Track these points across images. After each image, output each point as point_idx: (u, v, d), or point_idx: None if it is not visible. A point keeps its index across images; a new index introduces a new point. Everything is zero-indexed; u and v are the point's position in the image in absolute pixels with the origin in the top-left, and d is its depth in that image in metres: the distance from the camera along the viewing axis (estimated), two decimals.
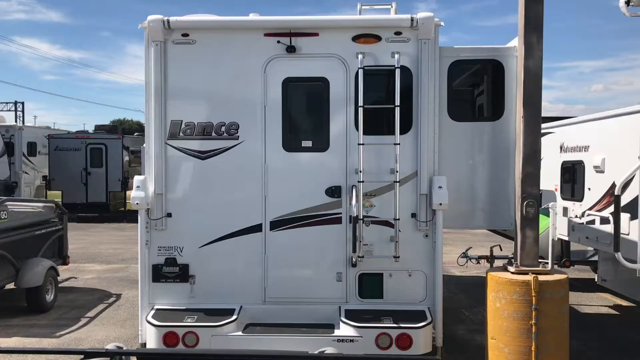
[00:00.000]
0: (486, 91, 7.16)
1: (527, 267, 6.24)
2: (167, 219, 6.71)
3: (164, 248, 6.74)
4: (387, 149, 6.52)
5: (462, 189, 6.94)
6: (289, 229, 6.68)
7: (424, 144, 6.54)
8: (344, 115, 6.63)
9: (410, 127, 6.60)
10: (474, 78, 7.11)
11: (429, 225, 6.58)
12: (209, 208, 6.71)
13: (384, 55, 6.57)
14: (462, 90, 7.12)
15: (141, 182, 6.58)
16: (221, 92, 6.68)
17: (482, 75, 7.08)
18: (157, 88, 6.60)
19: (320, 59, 6.63)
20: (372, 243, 6.65)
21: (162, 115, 6.64)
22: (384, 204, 6.61)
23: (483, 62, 6.98)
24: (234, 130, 6.67)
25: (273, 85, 6.63)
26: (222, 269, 6.72)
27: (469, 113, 7.24)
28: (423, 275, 6.65)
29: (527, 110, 6.21)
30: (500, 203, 6.96)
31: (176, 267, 6.71)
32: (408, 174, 6.60)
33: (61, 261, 10.54)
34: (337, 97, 6.62)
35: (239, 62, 6.64)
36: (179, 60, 6.65)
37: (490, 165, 6.97)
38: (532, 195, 6.27)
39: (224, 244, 6.71)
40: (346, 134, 6.63)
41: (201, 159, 6.69)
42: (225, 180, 6.70)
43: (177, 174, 6.71)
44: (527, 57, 6.16)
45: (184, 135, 6.69)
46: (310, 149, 6.67)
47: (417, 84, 6.56)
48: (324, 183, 6.65)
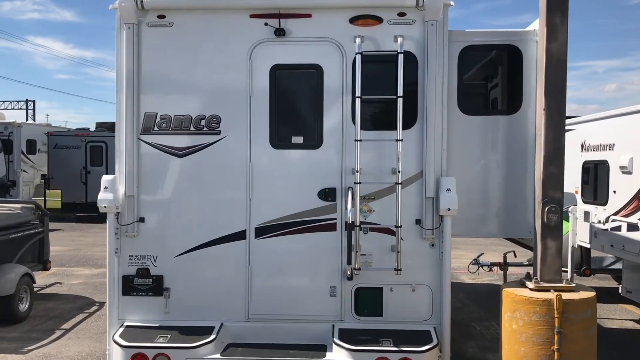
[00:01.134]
0: (502, 81, 6.32)
1: (549, 282, 5.44)
2: (139, 224, 5.97)
3: (135, 257, 6.00)
4: (388, 146, 5.74)
5: (473, 192, 6.13)
6: (277, 236, 5.92)
7: (430, 141, 5.74)
8: (339, 108, 5.85)
9: (415, 122, 5.81)
10: (488, 66, 6.29)
11: (436, 233, 5.80)
12: (186, 212, 5.96)
13: (386, 40, 5.78)
14: (474, 80, 6.29)
15: (110, 182, 5.83)
16: (201, 81, 5.92)
17: (497, 62, 6.25)
18: (129, 76, 5.86)
19: (313, 43, 5.85)
20: (371, 253, 5.87)
21: (135, 106, 5.89)
22: (384, 209, 5.83)
23: (498, 48, 6.16)
24: (215, 124, 5.90)
25: (259, 73, 5.86)
26: (200, 281, 5.98)
27: (482, 105, 6.41)
28: (428, 290, 5.86)
29: (550, 102, 5.40)
30: (517, 208, 6.13)
31: (149, 279, 5.97)
32: (412, 174, 5.80)
33: (41, 266, 9.83)
34: (332, 86, 5.84)
35: (221, 47, 5.89)
36: (154, 45, 5.92)
37: (506, 165, 6.14)
38: (554, 200, 5.46)
39: (203, 253, 5.96)
40: (342, 129, 5.85)
41: (178, 157, 5.94)
42: (205, 180, 5.95)
43: (151, 173, 5.96)
44: (549, 40, 5.35)
45: (159, 130, 5.93)
46: (301, 145, 5.90)
47: (422, 71, 5.76)
48: (317, 184, 5.87)
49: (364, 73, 5.65)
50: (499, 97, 6.39)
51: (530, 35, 6.03)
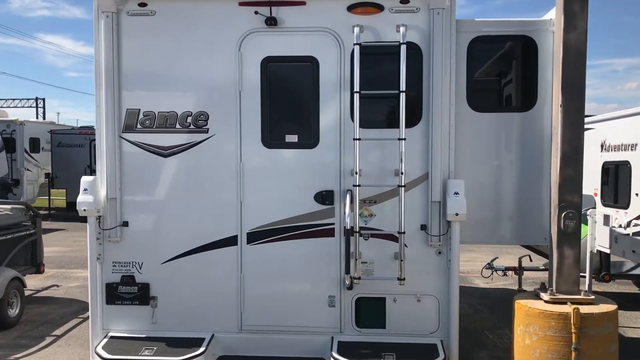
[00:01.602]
0: (515, 75, 5.82)
1: (565, 294, 4.97)
2: (123, 228, 5.58)
3: (119, 264, 5.60)
4: (391, 146, 5.30)
5: (484, 196, 5.65)
6: (270, 242, 5.50)
7: (436, 140, 5.28)
8: (337, 104, 5.40)
9: (420, 119, 5.35)
10: (500, 58, 5.79)
11: (443, 240, 5.34)
12: (173, 216, 5.56)
13: (387, 29, 5.33)
14: (484, 74, 5.80)
15: (90, 183, 5.45)
16: (187, 75, 5.51)
17: (510, 55, 5.75)
18: (109, 70, 5.46)
19: (308, 33, 5.41)
20: (372, 261, 5.43)
21: (116, 102, 5.49)
22: (386, 214, 5.39)
23: (511, 39, 5.66)
24: (202, 121, 5.48)
25: (250, 66, 5.43)
26: (189, 289, 5.58)
27: (494, 102, 5.92)
28: (435, 301, 5.41)
29: (567, 97, 4.91)
30: (531, 213, 5.65)
31: (134, 287, 5.58)
32: (416, 176, 5.35)
33: (34, 269, 9.45)
34: (328, 81, 5.40)
35: (208, 38, 5.48)
36: (135, 35, 5.52)
37: (520, 166, 5.65)
38: (572, 205, 4.98)
39: (191, 260, 5.56)
40: (340, 127, 5.41)
41: (163, 156, 5.53)
42: (192, 182, 5.53)
43: (134, 174, 5.56)
44: (567, 29, 4.85)
45: (142, 127, 5.52)
46: (296, 144, 5.46)
47: (428, 64, 5.30)
48: (313, 187, 5.43)
49: (363, 66, 5.21)
50: (512, 92, 5.88)
51: (546, 25, 5.54)
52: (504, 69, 5.81)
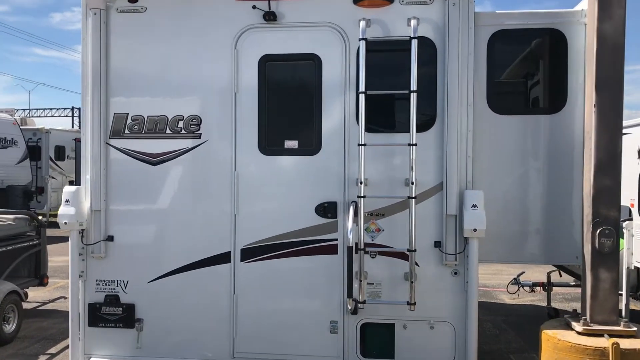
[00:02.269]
0: (542, 72, 5.20)
1: (602, 324, 4.31)
2: (108, 243, 5.11)
3: (103, 282, 5.14)
4: (400, 152, 4.74)
5: (506, 209, 5.03)
6: (266, 259, 4.97)
7: (452, 146, 4.71)
8: (341, 106, 4.87)
9: (433, 122, 4.78)
10: (524, 55, 5.17)
11: (459, 259, 4.75)
12: (161, 230, 5.08)
13: (398, 23, 4.79)
14: (507, 72, 5.18)
15: (72, 194, 4.99)
16: (178, 76, 5.05)
17: (536, 50, 5.12)
18: (96, 71, 5.04)
19: (310, 29, 4.91)
20: (380, 282, 4.86)
21: (103, 106, 5.05)
22: (395, 228, 4.82)
23: (537, 33, 5.04)
24: (194, 126, 5.00)
25: (246, 65, 4.94)
26: (177, 311, 5.08)
27: (518, 103, 5.29)
28: (451, 329, 4.81)
29: (602, 96, 4.30)
30: (560, 228, 5.00)
31: (119, 308, 5.10)
32: (429, 186, 4.78)
33: (38, 281, 9.08)
34: (332, 80, 4.88)
35: (201, 36, 5.02)
36: (124, 33, 5.10)
37: (548, 176, 5.01)
38: (608, 220, 4.34)
39: (180, 279, 5.06)
40: (345, 132, 4.87)
41: (152, 164, 5.06)
42: (182, 193, 5.05)
43: (121, 184, 5.10)
44: (602, 18, 4.24)
45: (130, 133, 5.07)
46: (296, 151, 4.94)
47: (443, 61, 4.74)
48: (314, 198, 4.90)
49: (370, 64, 4.67)
50: (539, 92, 5.24)
51: (577, 16, 4.92)
52: (529, 66, 5.18)
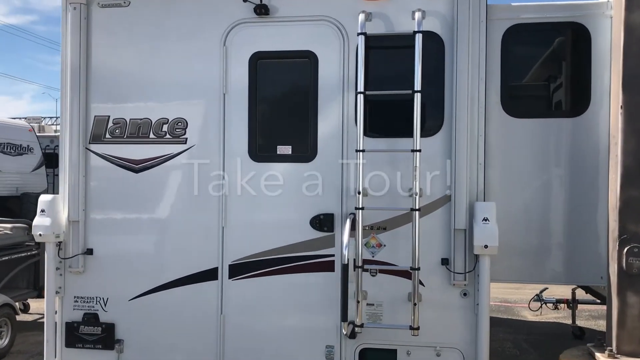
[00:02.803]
0: (562, 71, 4.70)
1: (630, 356, 3.77)
2: (87, 257, 4.73)
3: (82, 299, 4.75)
4: (404, 159, 4.27)
5: (522, 223, 4.52)
6: (257, 276, 4.54)
7: (461, 152, 4.25)
8: (339, 108, 4.44)
9: (440, 126, 4.33)
10: (543, 51, 4.67)
11: (469, 278, 4.27)
12: (143, 244, 4.69)
13: (401, 17, 4.36)
14: (524, 70, 4.69)
15: (48, 204, 4.64)
16: (163, 76, 4.67)
17: (555, 46, 4.62)
18: (76, 70, 4.68)
19: (305, 24, 4.50)
20: (381, 302, 4.39)
21: (83, 108, 4.69)
22: (399, 243, 4.36)
23: (557, 27, 4.55)
24: (180, 130, 4.61)
25: (236, 63, 4.55)
26: (160, 332, 4.67)
27: (535, 105, 4.78)
28: (459, 356, 4.33)
29: (631, 96, 3.81)
30: (583, 245, 4.47)
31: (98, 327, 4.71)
32: (436, 197, 4.32)
33: (37, 293, 8.76)
34: (329, 80, 4.46)
35: (188, 32, 4.64)
36: (106, 30, 4.75)
37: (569, 186, 4.48)
38: (637, 237, 3.82)
39: (163, 297, 4.65)
40: (342, 137, 4.44)
41: (134, 172, 4.67)
42: (167, 202, 4.65)
43: (101, 192, 4.74)
44: (631, 8, 3.77)
45: (111, 137, 4.70)
46: (290, 158, 4.52)
47: (451, 58, 4.29)
48: (309, 209, 4.47)
49: (370, 61, 4.25)
50: (559, 93, 4.74)
51: (602, 8, 4.42)
52: (548, 64, 4.67)
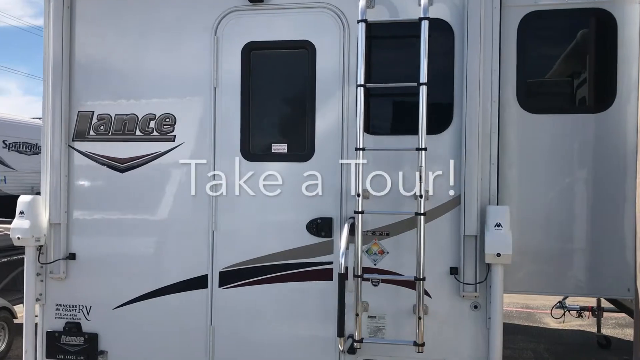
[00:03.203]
0: (585, 62, 4.27)
1: None
2: (69, 262, 4.43)
3: (63, 307, 4.45)
4: (409, 159, 3.89)
5: (540, 229, 4.10)
6: (249, 285, 4.20)
7: (472, 151, 3.87)
8: (338, 103, 4.08)
9: (449, 122, 3.95)
10: (563, 41, 4.25)
11: (480, 289, 3.88)
12: (129, 248, 4.37)
13: (406, 3, 4.00)
14: (542, 62, 4.27)
15: (27, 205, 4.34)
16: (150, 68, 4.37)
17: (577, 36, 4.21)
18: (58, 62, 4.38)
19: (303, 12, 4.16)
20: (383, 315, 4.03)
21: (65, 103, 4.40)
22: (403, 250, 4.00)
23: (579, 14, 4.14)
24: (168, 126, 4.29)
25: (228, 55, 4.23)
26: (146, 343, 4.36)
27: (555, 99, 4.34)
28: None
29: None
30: (608, 254, 4.03)
31: (80, 338, 4.40)
32: (444, 200, 3.95)
33: None
34: (328, 72, 4.11)
35: (177, 21, 4.33)
36: (91, 19, 4.47)
37: (593, 188, 4.04)
38: None
39: (150, 306, 4.34)
40: (342, 134, 4.09)
41: (120, 171, 4.37)
42: (153, 204, 4.34)
43: (85, 193, 4.44)
44: None
45: (95, 134, 4.39)
46: (285, 156, 4.18)
47: (461, 48, 3.93)
48: (306, 213, 4.12)
49: (372, 51, 3.89)
50: (581, 86, 4.32)
51: None
52: (569, 54, 4.24)
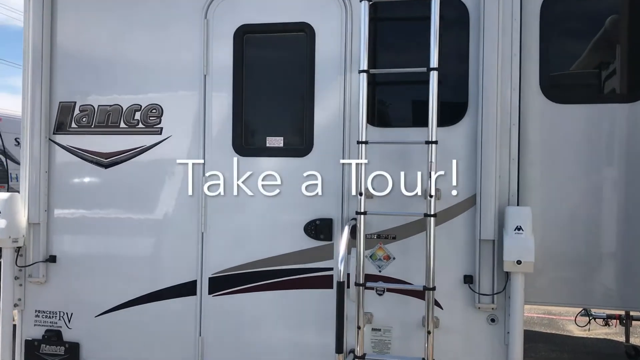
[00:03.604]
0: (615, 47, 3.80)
1: None
2: (49, 265, 4.10)
3: (43, 314, 4.13)
4: (419, 153, 3.48)
5: (566, 233, 3.64)
6: (241, 292, 3.84)
7: (488, 144, 3.46)
8: (340, 92, 3.70)
9: (464, 113, 3.55)
10: (592, 21, 3.79)
11: (498, 301, 3.47)
12: (113, 251, 4.04)
13: None
14: (568, 46, 3.82)
15: (4, 203, 4.02)
16: (136, 55, 4.02)
17: (606, 17, 3.75)
18: (38, 48, 4.07)
19: None
20: (389, 327, 3.64)
21: (46, 93, 4.08)
22: (411, 256, 3.60)
23: None
24: (154, 118, 3.94)
25: (220, 39, 3.87)
26: (131, 354, 4.02)
27: (583, 87, 3.89)
28: None
29: None
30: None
31: (61, 347, 4.09)
32: (457, 200, 3.55)
33: None
34: (328, 58, 3.73)
35: (164, 3, 3.98)
36: (73, 3, 4.11)
37: (626, 186, 3.59)
38: None
39: (134, 313, 4.00)
40: (344, 126, 3.70)
41: (103, 166, 4.03)
42: (139, 203, 4.00)
43: (66, 191, 4.11)
44: None
45: (77, 127, 4.07)
46: (281, 151, 3.81)
47: (477, 29, 3.52)
48: (303, 213, 3.75)
49: (377, 34, 3.49)
50: (612, 75, 3.86)
51: None
52: (597, 38, 3.80)
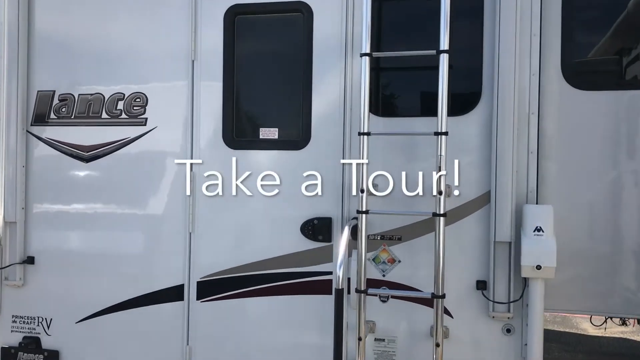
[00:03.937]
0: None
1: None
2: (27, 267, 3.81)
3: (20, 319, 3.85)
4: (426, 146, 3.16)
5: (590, 234, 3.31)
6: (231, 298, 3.53)
7: (505, 136, 3.14)
8: (340, 78, 3.38)
9: (477, 101, 3.22)
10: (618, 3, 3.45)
11: (515, 309, 3.14)
12: (94, 252, 3.74)
13: None
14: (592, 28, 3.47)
15: None
16: (119, 40, 3.71)
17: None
18: (14, 33, 3.78)
19: None
20: (394, 337, 3.32)
21: (23, 81, 3.79)
22: (418, 259, 3.29)
23: None
24: (138, 107, 3.63)
25: (209, 21, 3.56)
26: None
27: (608, 75, 3.54)
28: None
29: None
30: None
31: (39, 355, 3.82)
32: (469, 198, 3.23)
33: None
34: (327, 41, 3.41)
35: None
36: None
37: None
38: None
39: (117, 319, 3.71)
40: (344, 116, 3.38)
41: (84, 160, 3.74)
42: (122, 201, 3.70)
43: (45, 187, 3.83)
44: None
45: (57, 118, 3.77)
46: (276, 144, 3.49)
47: (492, 9, 3.18)
48: (300, 212, 3.44)
49: (382, 13, 3.17)
50: None
51: None
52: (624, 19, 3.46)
